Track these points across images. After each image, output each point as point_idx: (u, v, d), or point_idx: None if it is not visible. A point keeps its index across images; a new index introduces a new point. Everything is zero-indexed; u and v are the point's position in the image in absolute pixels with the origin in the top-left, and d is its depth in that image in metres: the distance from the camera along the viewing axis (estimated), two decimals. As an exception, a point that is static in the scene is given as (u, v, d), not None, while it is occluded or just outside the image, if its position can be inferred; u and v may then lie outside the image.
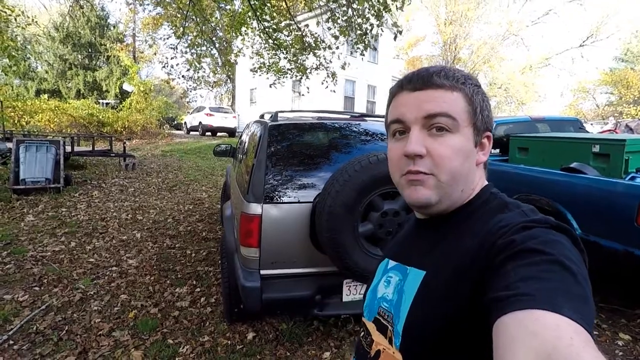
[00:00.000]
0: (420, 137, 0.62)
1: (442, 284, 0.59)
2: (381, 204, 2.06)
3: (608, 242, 2.67)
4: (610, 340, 2.65)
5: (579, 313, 0.40)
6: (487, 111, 0.65)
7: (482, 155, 0.67)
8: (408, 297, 0.63)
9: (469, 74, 0.67)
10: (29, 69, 22.60)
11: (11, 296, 3.02)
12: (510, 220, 0.55)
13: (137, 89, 16.69)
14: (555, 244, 0.49)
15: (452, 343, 0.55)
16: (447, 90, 0.62)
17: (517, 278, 0.45)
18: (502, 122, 4.36)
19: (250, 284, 2.13)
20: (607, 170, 3.12)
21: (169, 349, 2.42)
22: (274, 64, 8.65)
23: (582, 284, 0.45)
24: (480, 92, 0.65)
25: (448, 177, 0.62)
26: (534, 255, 0.47)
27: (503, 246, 0.51)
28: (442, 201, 0.64)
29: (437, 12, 28.20)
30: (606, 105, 30.50)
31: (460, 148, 0.62)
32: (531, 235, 0.50)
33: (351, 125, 2.63)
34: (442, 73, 0.63)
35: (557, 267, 0.45)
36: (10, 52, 8.67)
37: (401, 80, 0.67)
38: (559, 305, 0.40)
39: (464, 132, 0.62)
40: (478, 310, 0.50)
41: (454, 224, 0.65)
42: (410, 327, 0.60)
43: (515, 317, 0.41)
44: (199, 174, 9.04)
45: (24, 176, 6.13)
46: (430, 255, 0.65)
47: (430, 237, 0.68)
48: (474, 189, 0.67)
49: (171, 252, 4.15)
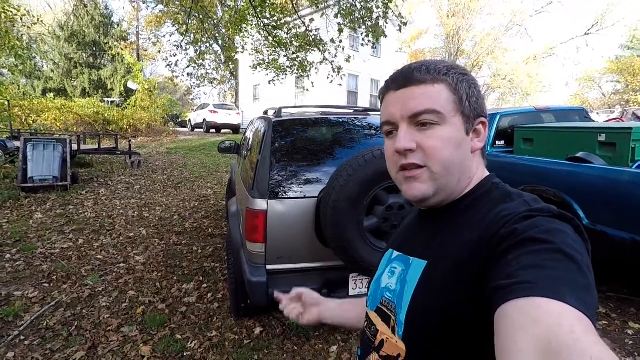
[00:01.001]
0: (409, 133, 0.63)
1: (442, 274, 0.59)
2: (386, 197, 2.06)
3: (615, 232, 2.65)
4: (620, 329, 2.63)
5: (582, 301, 0.40)
6: (476, 97, 0.66)
7: (478, 142, 0.67)
8: (410, 287, 0.63)
9: (454, 64, 0.67)
10: (35, 68, 22.73)
11: (21, 292, 3.07)
12: (513, 210, 0.55)
13: (142, 86, 16.77)
14: (558, 232, 0.49)
15: (454, 332, 0.56)
16: (429, 84, 0.63)
17: (519, 267, 0.45)
18: (506, 114, 4.33)
19: (257, 279, 2.15)
20: (614, 159, 3.09)
21: (177, 344, 2.45)
22: (274, 60, 8.65)
23: (585, 273, 0.44)
24: (465, 79, 0.65)
25: (440, 168, 0.62)
26: (536, 244, 0.47)
27: (505, 235, 0.51)
28: (438, 192, 0.64)
29: (440, 5, 28.01)
30: (612, 93, 30.13)
31: (450, 138, 0.62)
32: (533, 225, 0.50)
33: (355, 119, 2.62)
34: (424, 68, 0.64)
35: (560, 256, 0.45)
36: (16, 51, 8.74)
37: (387, 81, 0.69)
38: (561, 293, 0.40)
39: (452, 122, 0.63)
40: (479, 300, 0.50)
41: (456, 215, 0.65)
42: (412, 317, 0.61)
43: (516, 304, 0.41)
44: (204, 170, 9.08)
45: (32, 174, 6.20)
46: (432, 245, 0.65)
47: (433, 227, 0.69)
48: (471, 178, 0.67)
49: (178, 248, 4.19)
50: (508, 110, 4.44)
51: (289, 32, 8.08)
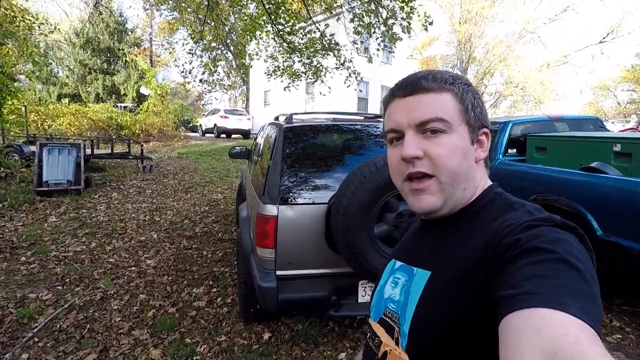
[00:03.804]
0: (416, 140, 0.63)
1: (446, 284, 0.59)
2: (397, 204, 2.06)
3: (630, 243, 2.60)
4: (635, 343, 2.57)
5: (585, 311, 0.40)
6: (480, 108, 0.66)
7: (481, 152, 0.68)
8: (414, 297, 0.63)
9: (458, 74, 0.68)
10: (50, 74, 23.20)
11: (36, 295, 3.12)
12: (516, 220, 0.55)
13: (154, 92, 17.05)
14: (561, 242, 0.49)
15: (458, 344, 0.56)
16: (436, 93, 0.63)
17: (523, 277, 0.46)
18: (519, 122, 4.28)
19: (267, 284, 2.15)
20: (630, 170, 3.04)
21: (187, 348, 2.46)
22: (289, 67, 8.71)
23: (589, 282, 0.44)
24: (470, 90, 0.66)
25: (448, 177, 0.62)
26: (539, 254, 0.47)
27: (509, 246, 0.51)
28: (446, 203, 0.64)
29: (452, 11, 27.93)
30: (628, 102, 29.62)
31: (457, 147, 0.63)
32: (537, 234, 0.50)
33: (365, 126, 2.63)
34: (430, 76, 0.64)
35: (563, 266, 0.45)
36: (33, 58, 8.97)
37: (392, 89, 0.69)
38: (565, 303, 0.41)
39: (458, 131, 0.63)
40: (483, 311, 0.50)
41: (460, 225, 0.65)
42: (415, 328, 0.61)
43: (521, 315, 0.42)
44: (215, 175, 9.15)
45: (46, 178, 6.32)
46: (436, 255, 0.65)
47: (436, 237, 0.69)
48: (476, 188, 0.67)
49: (188, 252, 4.22)
50: (520, 119, 4.39)
51: (303, 37, 8.13)
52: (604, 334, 2.66)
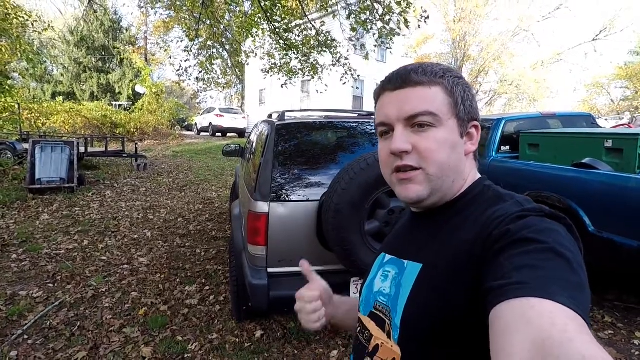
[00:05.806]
0: (405, 134, 0.63)
1: (438, 277, 0.59)
2: (388, 201, 2.05)
3: (622, 239, 2.61)
4: (626, 339, 2.59)
5: (574, 300, 0.40)
6: (470, 101, 0.66)
7: (471, 145, 0.68)
8: (405, 290, 0.63)
9: (449, 67, 0.68)
10: (45, 72, 23.02)
11: (26, 292, 3.09)
12: (505, 211, 0.56)
13: (149, 90, 16.94)
14: (550, 232, 0.49)
15: (449, 335, 0.56)
16: (426, 86, 0.63)
17: (512, 267, 0.46)
18: (512, 119, 4.30)
19: (258, 281, 2.15)
20: (621, 166, 3.06)
21: (178, 346, 2.45)
22: (285, 64, 8.68)
23: (577, 271, 0.45)
24: (460, 83, 0.66)
25: (436, 170, 0.63)
26: (528, 244, 0.47)
27: (498, 236, 0.51)
28: (433, 194, 0.64)
29: (446, 10, 27.91)
30: (621, 100, 29.81)
31: (446, 140, 0.63)
32: (526, 225, 0.50)
33: (358, 123, 2.62)
34: (420, 70, 0.64)
35: (552, 255, 0.45)
36: (27, 55, 8.89)
37: (383, 81, 0.69)
38: (554, 292, 0.41)
39: (447, 124, 0.63)
40: (475, 302, 0.50)
41: (449, 217, 0.65)
42: (407, 321, 0.61)
43: (510, 305, 0.42)
44: (209, 174, 9.13)
45: (39, 176, 6.27)
46: (426, 248, 0.65)
47: (427, 230, 0.69)
48: (465, 180, 0.67)
49: (181, 250, 4.20)
50: (514, 116, 4.41)
51: (300, 34, 8.11)
52: (595, 329, 2.67)
